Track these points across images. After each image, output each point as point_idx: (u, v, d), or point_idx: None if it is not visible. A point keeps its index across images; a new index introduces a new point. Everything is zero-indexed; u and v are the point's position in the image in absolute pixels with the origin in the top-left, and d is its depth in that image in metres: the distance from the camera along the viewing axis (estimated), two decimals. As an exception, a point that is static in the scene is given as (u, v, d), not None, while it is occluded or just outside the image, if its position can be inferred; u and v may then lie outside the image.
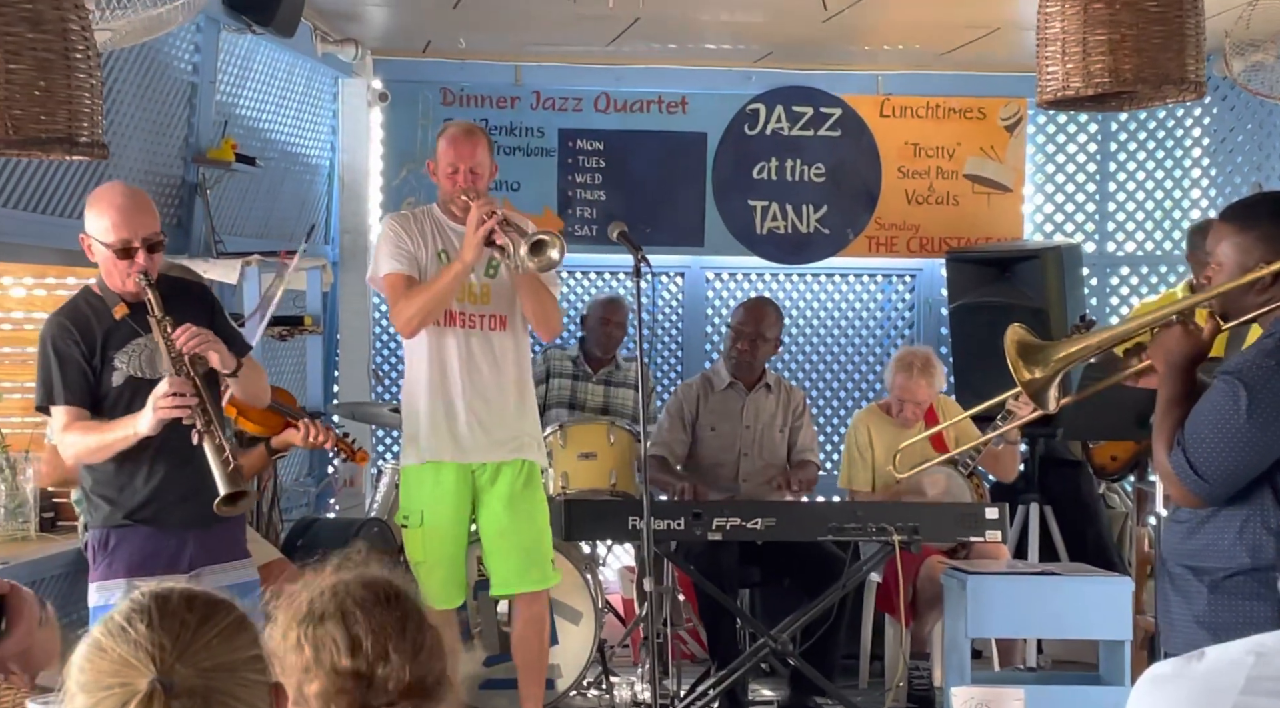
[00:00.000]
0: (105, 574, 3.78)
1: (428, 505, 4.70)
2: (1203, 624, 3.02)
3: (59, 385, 3.71)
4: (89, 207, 3.73)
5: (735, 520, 5.13)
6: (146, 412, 3.62)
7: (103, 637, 1.57)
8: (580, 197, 7.43)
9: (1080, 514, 6.47)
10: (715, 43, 7.04)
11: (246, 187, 6.02)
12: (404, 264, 4.61)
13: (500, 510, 4.71)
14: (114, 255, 3.67)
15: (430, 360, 4.66)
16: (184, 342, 3.64)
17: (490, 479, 4.72)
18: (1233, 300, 3.06)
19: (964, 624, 5.05)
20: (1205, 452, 2.93)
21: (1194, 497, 2.98)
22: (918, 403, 5.81)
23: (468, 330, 4.66)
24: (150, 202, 3.82)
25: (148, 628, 1.54)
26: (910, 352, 5.96)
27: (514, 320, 4.72)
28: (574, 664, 5.52)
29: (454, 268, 4.51)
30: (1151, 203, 7.59)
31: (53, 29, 2.30)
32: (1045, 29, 2.70)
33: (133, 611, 1.57)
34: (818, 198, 7.56)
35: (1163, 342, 3.07)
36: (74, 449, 3.76)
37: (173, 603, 1.57)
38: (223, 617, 1.59)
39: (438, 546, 4.71)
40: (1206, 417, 2.95)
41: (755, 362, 5.93)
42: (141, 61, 4.99)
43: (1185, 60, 2.63)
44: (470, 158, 4.61)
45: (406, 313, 4.56)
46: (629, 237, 4.70)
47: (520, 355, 4.77)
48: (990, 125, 7.61)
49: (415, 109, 7.26)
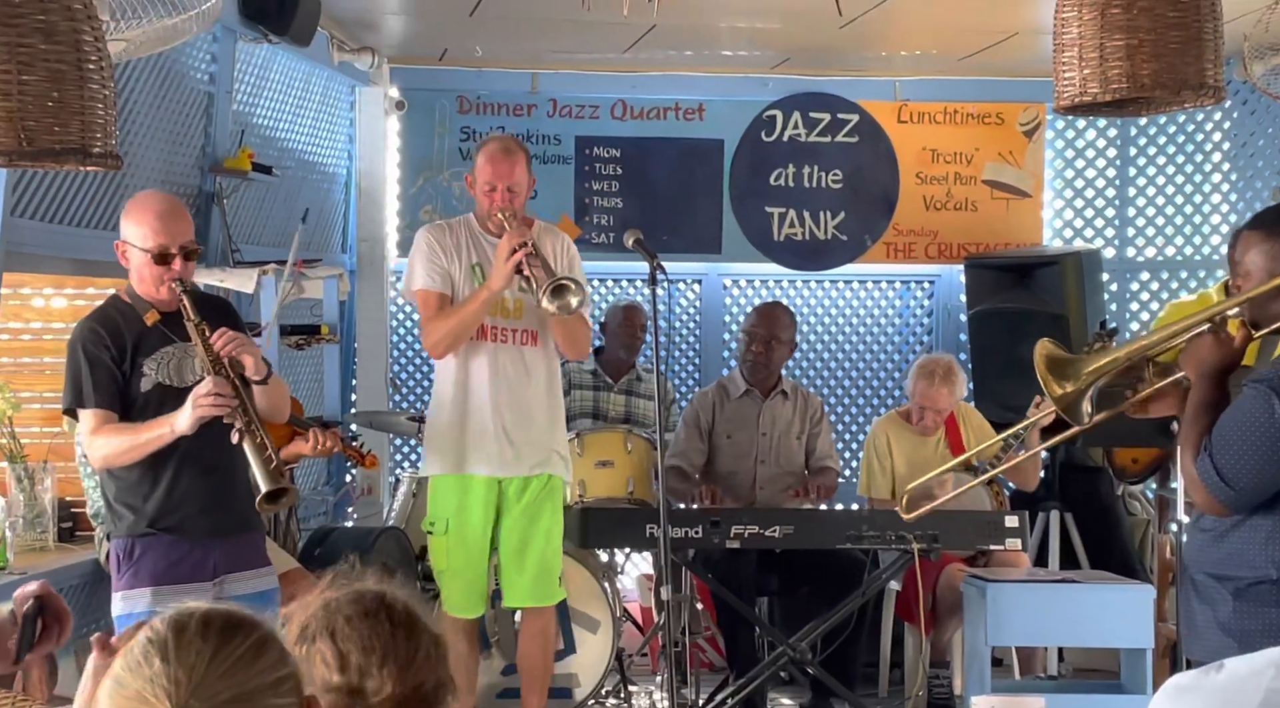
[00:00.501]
0: (131, 583, 3.78)
1: (454, 514, 4.73)
2: (1227, 631, 3.01)
3: (89, 387, 3.72)
4: (127, 213, 3.75)
5: (753, 528, 5.12)
6: (185, 409, 3.63)
7: (122, 671, 1.54)
8: (597, 204, 7.43)
9: (1102, 521, 6.44)
10: (732, 49, 7.03)
11: (263, 196, 6.03)
12: (436, 280, 4.67)
13: (523, 525, 4.75)
14: (150, 261, 3.69)
15: (461, 373, 4.70)
16: (222, 344, 3.66)
17: (517, 493, 4.75)
18: (1262, 307, 3.04)
19: (984, 632, 5.03)
20: (1233, 459, 2.91)
21: (1219, 504, 2.96)
22: (939, 411, 5.78)
23: (498, 344, 4.71)
24: (186, 210, 3.85)
25: (163, 662, 1.51)
26: (932, 359, 5.93)
27: (545, 336, 4.76)
28: (592, 673, 5.51)
29: (481, 295, 4.57)
30: (1172, 207, 7.54)
31: (66, 40, 2.30)
32: (1062, 34, 2.69)
33: (150, 643, 1.54)
34: (835, 204, 7.54)
35: (1194, 350, 3.07)
36: (104, 451, 3.74)
37: (189, 633, 1.54)
38: (241, 641, 1.55)
39: (461, 554, 4.73)
40: (1235, 424, 2.93)
41: (771, 364, 5.91)
42: (158, 72, 5.00)
43: (1204, 65, 2.61)
44: (509, 176, 4.64)
45: (435, 336, 4.64)
46: (644, 244, 4.69)
47: (550, 371, 4.81)
48: (1009, 130, 7.58)
49: (432, 117, 7.27)
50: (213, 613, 1.58)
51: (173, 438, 3.68)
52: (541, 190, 7.32)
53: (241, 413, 3.63)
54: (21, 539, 4.59)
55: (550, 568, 4.81)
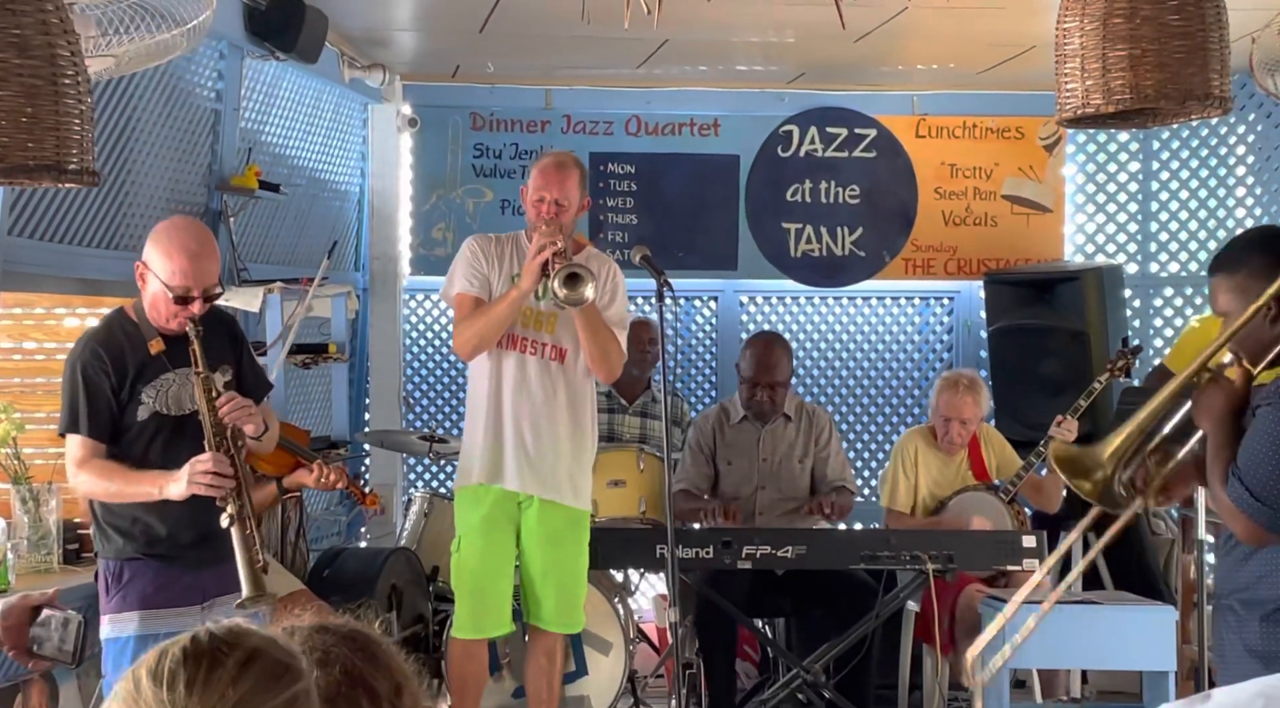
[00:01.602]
0: (119, 607, 3.73)
1: (467, 532, 4.68)
2: (1254, 654, 2.97)
3: (84, 415, 3.65)
4: (158, 240, 3.64)
5: (765, 549, 5.05)
6: (181, 480, 3.57)
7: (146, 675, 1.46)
8: (612, 221, 7.38)
9: (1125, 542, 6.32)
10: (746, 64, 6.98)
11: (272, 214, 6.00)
12: (475, 285, 4.63)
13: (546, 551, 4.69)
14: (169, 298, 3.62)
15: (488, 381, 4.66)
16: (227, 412, 3.60)
17: (536, 515, 4.68)
18: (1251, 340, 3.04)
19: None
20: (1264, 477, 2.88)
21: (1258, 527, 2.92)
22: (963, 421, 5.69)
23: (525, 355, 4.65)
24: (216, 247, 3.76)
25: (186, 690, 1.44)
26: (956, 372, 5.88)
27: (574, 356, 4.68)
28: (604, 695, 5.43)
29: (510, 295, 4.52)
30: (1195, 222, 7.44)
31: (40, 55, 2.26)
32: (1064, 45, 2.62)
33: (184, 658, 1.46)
34: (853, 220, 7.48)
35: (1201, 403, 3.06)
36: (88, 486, 3.70)
37: (225, 669, 1.45)
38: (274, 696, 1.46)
39: (470, 574, 4.68)
40: (1259, 443, 2.91)
41: (776, 406, 5.82)
42: (163, 89, 4.98)
43: (1209, 75, 2.53)
44: (558, 189, 4.58)
45: (463, 335, 4.60)
46: (651, 260, 4.63)
47: (575, 391, 4.71)
48: (1029, 145, 7.50)
49: (445, 134, 7.24)
50: (260, 652, 1.49)
51: (159, 498, 3.63)
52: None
53: (235, 498, 3.56)
54: (26, 561, 4.55)
55: (575, 596, 4.76)
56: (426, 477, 7.57)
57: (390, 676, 1.76)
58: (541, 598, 4.72)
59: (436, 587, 5.66)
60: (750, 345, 5.94)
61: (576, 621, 4.81)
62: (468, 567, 4.67)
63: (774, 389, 5.75)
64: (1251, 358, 3.04)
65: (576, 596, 4.77)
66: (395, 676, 1.77)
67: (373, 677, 1.73)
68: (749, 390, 5.78)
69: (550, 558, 4.68)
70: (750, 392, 5.77)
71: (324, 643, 1.75)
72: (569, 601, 4.74)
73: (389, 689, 1.73)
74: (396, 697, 1.74)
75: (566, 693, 5.43)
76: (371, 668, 1.74)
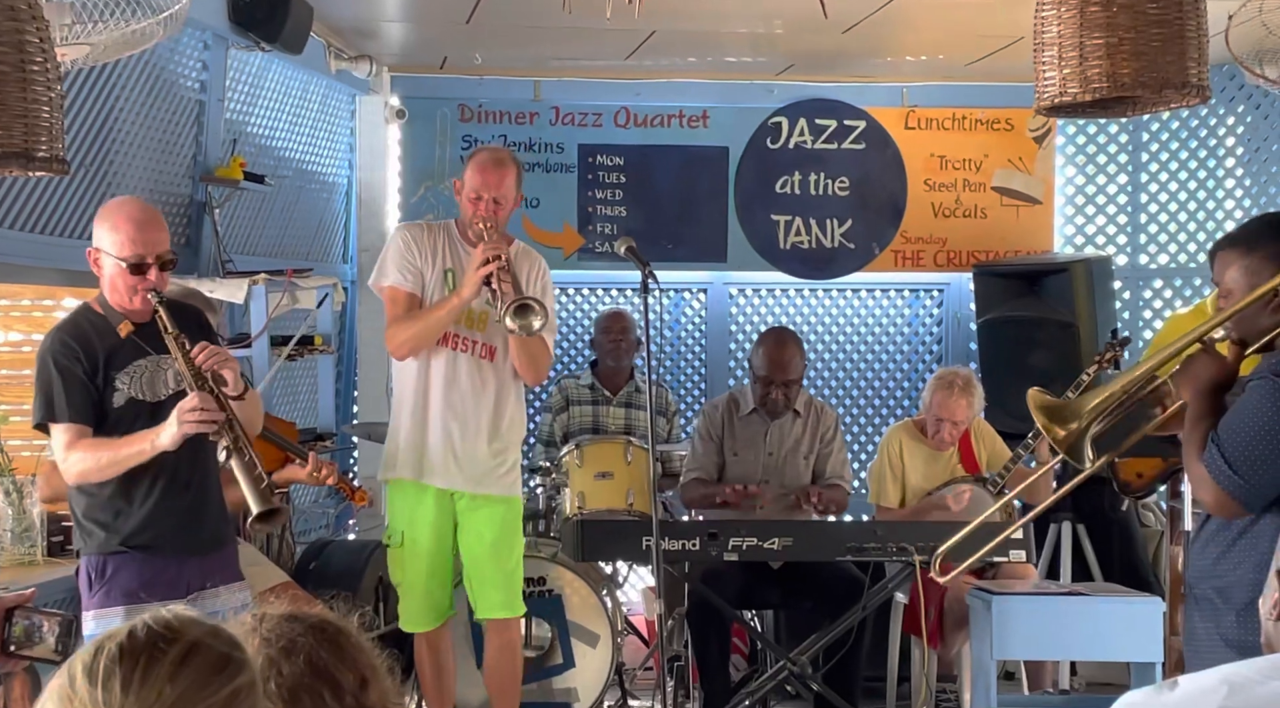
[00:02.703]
0: (103, 602, 3.68)
1: (408, 526, 4.69)
2: (1230, 645, 2.96)
3: (61, 402, 3.61)
4: (101, 220, 3.64)
5: (752, 540, 5.03)
6: (170, 425, 3.52)
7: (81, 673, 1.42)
8: (601, 212, 7.36)
9: (1114, 533, 6.34)
10: (735, 55, 6.96)
11: (259, 205, 5.98)
12: (408, 279, 4.61)
13: (484, 542, 4.70)
14: (125, 271, 3.59)
15: (418, 378, 4.65)
16: (204, 359, 3.56)
17: (469, 507, 4.70)
18: (1248, 323, 3.02)
19: (989, 646, 4.93)
20: (1242, 448, 2.87)
21: (1229, 498, 2.90)
22: (955, 423, 5.66)
23: (456, 353, 4.65)
24: (163, 218, 3.75)
25: (122, 690, 1.39)
26: (952, 371, 5.82)
27: (503, 354, 4.68)
28: (591, 688, 5.43)
29: (451, 302, 4.51)
30: (1185, 214, 7.43)
31: (8, 42, 2.24)
32: (1042, 34, 2.61)
33: (120, 655, 1.42)
34: (842, 212, 7.46)
35: (1189, 369, 3.04)
36: (81, 466, 3.63)
37: (163, 664, 1.41)
38: (217, 689, 1.43)
39: (414, 567, 4.68)
40: (1247, 416, 2.90)
41: (791, 402, 5.77)
42: (146, 79, 4.95)
43: (1186, 64, 2.51)
44: (496, 188, 4.57)
45: (400, 337, 4.59)
46: (636, 251, 4.61)
47: (502, 387, 4.70)
48: (1018, 136, 7.49)
49: (433, 126, 7.22)
50: (199, 645, 1.45)
51: (154, 453, 3.58)
52: (544, 199, 7.31)
53: (228, 429, 3.53)
54: (10, 553, 4.54)
55: (513, 582, 4.76)
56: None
57: (356, 668, 1.74)
58: (485, 590, 4.72)
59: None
60: (763, 342, 5.79)
61: (519, 603, 4.80)
62: (416, 562, 4.67)
63: (788, 387, 5.69)
64: (1244, 340, 3.03)
65: (515, 579, 4.78)
66: (361, 668, 1.75)
67: (337, 668, 1.71)
68: (763, 389, 5.68)
69: (488, 549, 4.69)
70: (765, 390, 5.68)
71: (291, 632, 1.73)
72: (511, 586, 4.75)
73: (353, 682, 1.71)
74: (361, 689, 1.72)
75: (554, 686, 5.42)
76: (336, 659, 1.72)
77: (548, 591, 5.39)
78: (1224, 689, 1.51)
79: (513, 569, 4.77)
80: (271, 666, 1.68)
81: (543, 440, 6.55)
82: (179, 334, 3.59)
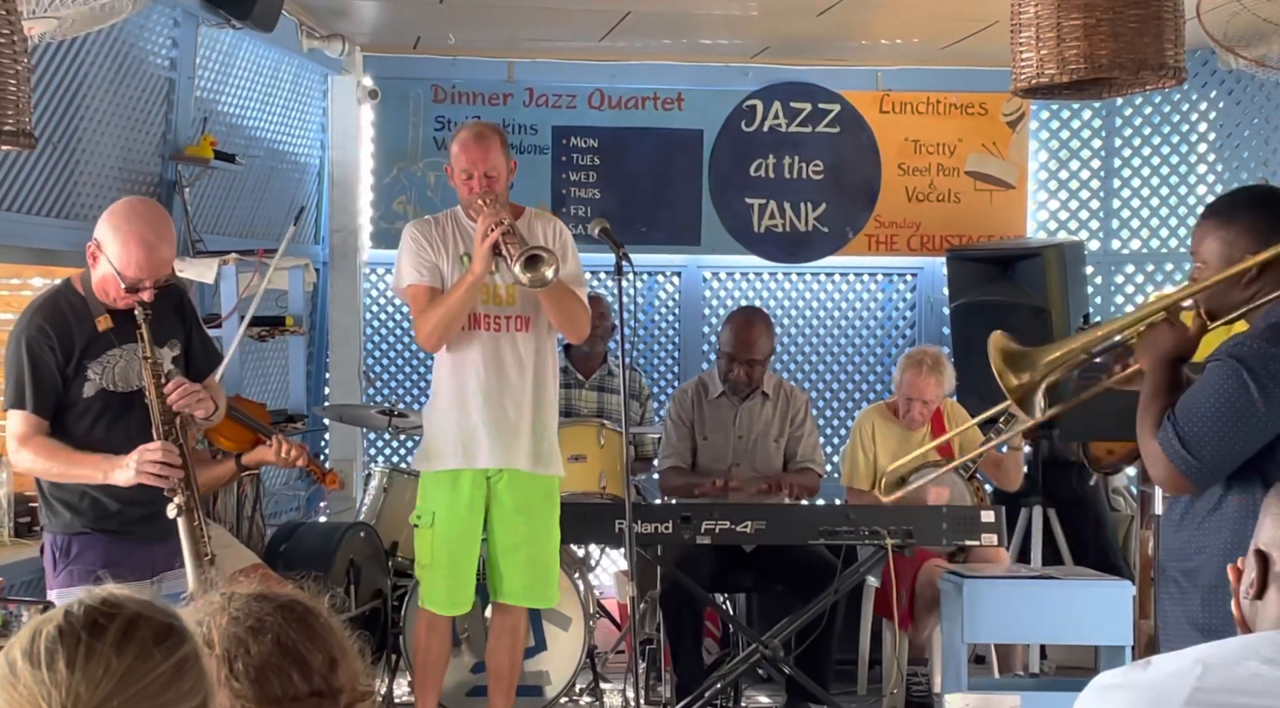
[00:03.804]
0: (67, 581, 3.66)
1: (441, 509, 4.65)
2: (1196, 626, 2.94)
3: (29, 391, 3.57)
4: (115, 225, 3.52)
5: (724, 524, 5.04)
6: (129, 467, 3.51)
7: (22, 659, 1.38)
8: (575, 195, 7.33)
9: (1085, 517, 6.36)
10: (711, 38, 6.93)
11: (229, 185, 5.93)
12: (424, 274, 4.58)
13: (517, 523, 4.66)
14: (119, 285, 3.54)
15: (456, 365, 4.62)
16: (176, 399, 3.55)
17: (508, 486, 4.65)
18: (1219, 297, 2.99)
19: (960, 629, 4.95)
20: (1198, 427, 2.85)
21: (1181, 477, 2.89)
22: (925, 402, 5.68)
23: (493, 333, 4.61)
24: (174, 233, 3.67)
25: (67, 668, 1.35)
26: (921, 350, 5.85)
27: (538, 322, 4.65)
28: (563, 671, 5.41)
29: (465, 281, 4.47)
30: (1157, 199, 7.45)
31: (-26, 15, 2.20)
32: (1019, 15, 2.60)
33: (60, 636, 1.38)
34: (816, 196, 7.45)
35: (1149, 338, 3.02)
36: (29, 464, 3.63)
37: (106, 640, 1.38)
38: (162, 659, 1.39)
39: (445, 550, 4.65)
40: (1204, 396, 2.87)
41: (753, 382, 5.78)
42: (115, 56, 4.90)
43: (1163, 45, 2.51)
44: (484, 162, 4.53)
45: (426, 328, 4.55)
46: (610, 233, 4.59)
47: (542, 358, 4.68)
48: (992, 121, 7.49)
49: (406, 106, 7.17)
50: (140, 618, 1.42)
51: (101, 481, 3.58)
52: (518, 181, 7.21)
53: (184, 487, 3.52)
54: (-24, 534, 4.51)
55: (548, 570, 4.73)
56: (386, 452, 7.52)
57: (325, 648, 1.72)
58: (508, 573, 4.68)
59: (395, 562, 5.62)
60: (731, 320, 5.86)
61: (549, 595, 4.78)
62: (443, 543, 4.64)
63: (751, 366, 5.70)
64: (1211, 314, 3.01)
65: (550, 569, 4.74)
66: (331, 649, 1.72)
67: (305, 648, 1.69)
68: (726, 365, 5.73)
69: (521, 530, 4.65)
70: (728, 367, 5.72)
71: (259, 611, 1.71)
72: (541, 574, 4.71)
73: (322, 662, 1.69)
74: (330, 670, 1.70)
75: (526, 668, 5.40)
76: (305, 639, 1.70)
77: (520, 574, 5.36)
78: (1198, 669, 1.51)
79: (545, 557, 4.73)
80: (239, 644, 1.66)
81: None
82: (156, 361, 3.57)
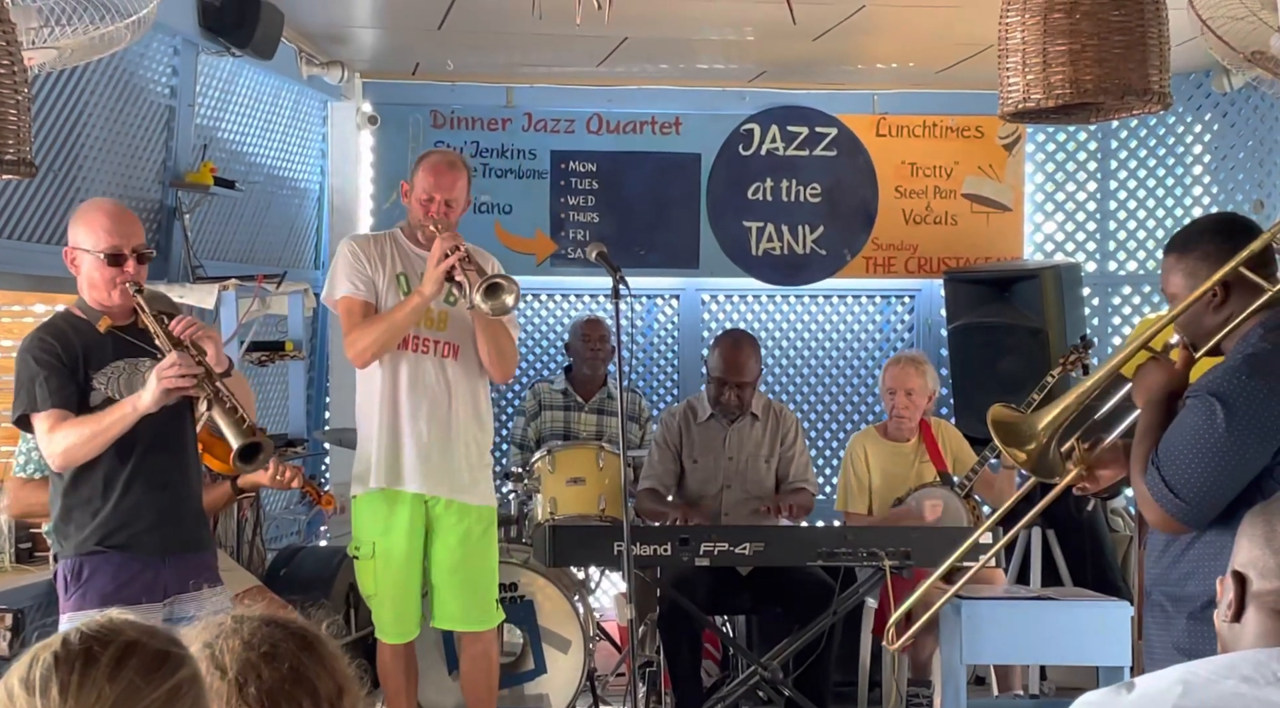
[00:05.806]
0: (79, 604, 3.68)
1: (379, 536, 4.61)
2: (1181, 652, 2.95)
3: (43, 391, 3.60)
4: (76, 220, 3.66)
5: (723, 546, 5.04)
6: (150, 386, 3.53)
7: (19, 684, 1.41)
8: (573, 219, 7.37)
9: (1084, 538, 6.37)
10: (708, 62, 6.98)
11: (229, 211, 5.97)
12: (361, 288, 4.56)
13: (455, 548, 4.64)
14: (102, 264, 3.60)
15: (383, 384, 4.59)
16: (181, 329, 3.59)
17: (444, 512, 4.64)
18: (1194, 325, 3.04)
19: (959, 650, 4.95)
20: (1181, 470, 2.86)
21: (1172, 519, 2.90)
22: (909, 391, 5.69)
23: (420, 355, 4.59)
24: (135, 215, 3.77)
25: (60, 695, 1.39)
26: (900, 352, 5.92)
27: (466, 352, 4.64)
28: (563, 694, 5.42)
29: (413, 300, 4.46)
30: (1153, 221, 7.49)
31: (-26, 45, 2.24)
32: (1006, 40, 2.63)
33: (56, 663, 1.41)
34: (814, 218, 7.49)
35: (1141, 379, 3.05)
36: (64, 444, 3.60)
37: (99, 666, 1.41)
38: (157, 686, 1.42)
39: (389, 577, 4.62)
40: (1181, 436, 2.89)
41: (743, 405, 5.80)
42: (115, 84, 4.94)
43: (1148, 71, 2.55)
44: (449, 190, 4.55)
45: (360, 343, 4.51)
46: (607, 257, 4.62)
47: (472, 388, 4.66)
48: (989, 144, 7.53)
49: (405, 132, 7.21)
50: (135, 645, 1.45)
51: (135, 418, 3.57)
52: (516, 205, 7.32)
53: (207, 382, 3.54)
54: (-23, 560, 4.53)
55: (484, 593, 4.71)
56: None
57: (334, 677, 1.75)
58: (446, 598, 4.66)
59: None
60: (719, 344, 5.88)
61: (488, 618, 4.74)
62: (385, 571, 4.61)
63: (741, 389, 5.73)
64: (1194, 343, 3.04)
65: (487, 592, 4.72)
66: (339, 678, 1.76)
67: (318, 677, 1.72)
68: (716, 389, 5.75)
69: (459, 557, 4.63)
70: (718, 390, 5.74)
71: (273, 637, 1.74)
72: (479, 597, 4.69)
73: (331, 691, 1.72)
74: (338, 698, 1.73)
75: (525, 692, 5.42)
76: (318, 668, 1.73)
77: (519, 596, 5.39)
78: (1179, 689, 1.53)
79: (481, 581, 4.70)
80: (252, 669, 1.68)
81: (516, 443, 6.56)
82: (158, 313, 3.61)
